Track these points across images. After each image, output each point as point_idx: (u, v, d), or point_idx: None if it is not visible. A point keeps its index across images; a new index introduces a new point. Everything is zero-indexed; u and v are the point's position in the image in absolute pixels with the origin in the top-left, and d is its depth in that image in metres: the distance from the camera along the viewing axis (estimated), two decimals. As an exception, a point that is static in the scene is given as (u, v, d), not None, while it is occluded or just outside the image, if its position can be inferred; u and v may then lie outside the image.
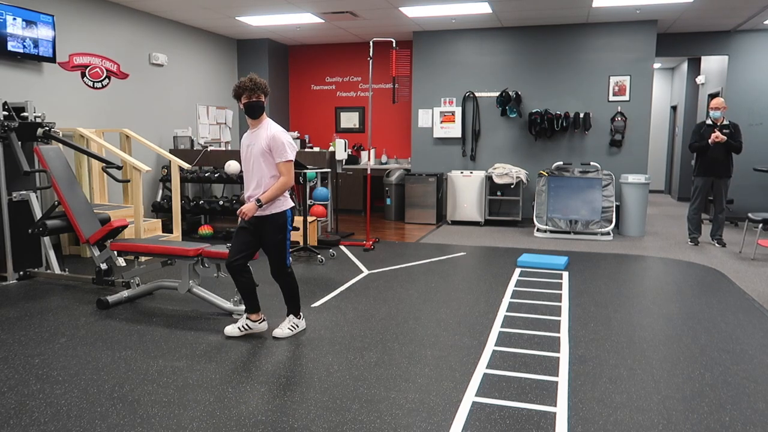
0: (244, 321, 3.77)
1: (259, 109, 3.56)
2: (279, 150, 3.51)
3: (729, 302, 4.59)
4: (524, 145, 8.61)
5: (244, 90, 3.54)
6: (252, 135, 3.61)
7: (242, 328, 3.75)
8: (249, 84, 3.53)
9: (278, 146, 3.51)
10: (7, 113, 5.06)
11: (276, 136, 3.51)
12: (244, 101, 3.55)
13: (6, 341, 3.64)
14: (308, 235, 6.15)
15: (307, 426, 2.60)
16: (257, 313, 3.79)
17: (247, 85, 3.53)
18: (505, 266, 5.76)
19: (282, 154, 3.52)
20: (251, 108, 3.55)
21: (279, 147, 3.51)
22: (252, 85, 3.53)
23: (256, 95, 3.53)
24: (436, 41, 8.79)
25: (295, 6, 7.20)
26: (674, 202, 11.35)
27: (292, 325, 3.79)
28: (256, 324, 3.78)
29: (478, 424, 2.62)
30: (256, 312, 3.78)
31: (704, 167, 6.84)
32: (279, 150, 3.51)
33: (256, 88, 3.53)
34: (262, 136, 3.54)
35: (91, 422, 2.62)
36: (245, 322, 3.76)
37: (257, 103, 3.54)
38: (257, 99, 3.54)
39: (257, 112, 3.57)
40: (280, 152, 3.51)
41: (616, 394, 2.94)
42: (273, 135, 3.52)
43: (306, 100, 10.26)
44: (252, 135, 3.61)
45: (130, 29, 7.33)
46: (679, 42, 8.77)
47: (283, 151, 3.52)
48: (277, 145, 3.51)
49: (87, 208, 5.00)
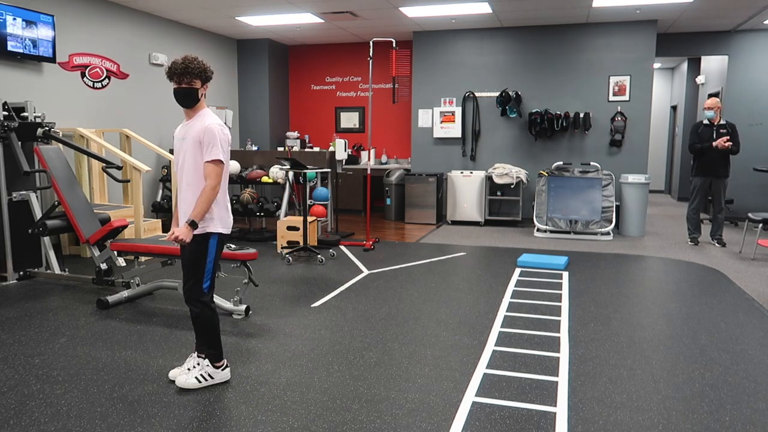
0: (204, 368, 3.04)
1: (189, 97, 2.92)
2: (209, 145, 2.87)
3: (729, 302, 4.59)
4: (524, 145, 8.61)
5: (173, 74, 2.91)
6: (185, 127, 2.99)
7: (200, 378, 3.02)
8: (179, 67, 2.88)
9: (209, 140, 2.87)
10: (7, 113, 5.06)
11: (210, 128, 2.88)
12: (173, 87, 2.94)
13: (6, 341, 3.64)
14: (308, 235, 6.15)
15: (307, 426, 2.60)
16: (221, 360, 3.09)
17: (177, 68, 2.88)
18: (505, 266, 5.76)
19: (210, 150, 2.87)
20: (180, 95, 2.93)
21: (209, 141, 2.87)
22: (182, 69, 2.87)
23: (186, 81, 2.89)
24: (436, 41, 8.79)
25: (295, 6, 7.20)
26: (674, 202, 11.35)
27: (203, 374, 3.00)
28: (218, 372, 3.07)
29: (478, 424, 2.62)
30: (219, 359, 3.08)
31: (702, 167, 6.85)
32: (209, 145, 2.87)
33: (186, 72, 2.87)
34: (196, 128, 2.91)
35: (91, 422, 2.62)
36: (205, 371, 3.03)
37: (188, 90, 2.91)
38: (188, 86, 2.90)
39: (188, 100, 2.93)
40: (209, 148, 2.87)
41: (616, 394, 2.94)
42: (207, 126, 2.89)
43: (306, 100, 10.26)
44: (185, 127, 2.99)
45: (130, 29, 7.33)
46: (679, 42, 8.77)
47: (212, 147, 2.87)
48: (209, 138, 2.87)
49: (87, 208, 5.00)
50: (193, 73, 2.89)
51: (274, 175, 7.17)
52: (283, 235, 6.40)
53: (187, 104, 2.95)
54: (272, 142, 9.76)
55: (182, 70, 2.88)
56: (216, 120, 2.95)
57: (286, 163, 6.38)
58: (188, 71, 2.88)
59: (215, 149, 2.87)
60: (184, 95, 2.93)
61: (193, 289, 2.98)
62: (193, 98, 2.94)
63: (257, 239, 7.09)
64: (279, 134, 9.99)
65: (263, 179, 7.23)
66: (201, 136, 2.88)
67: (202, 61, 2.96)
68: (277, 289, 4.89)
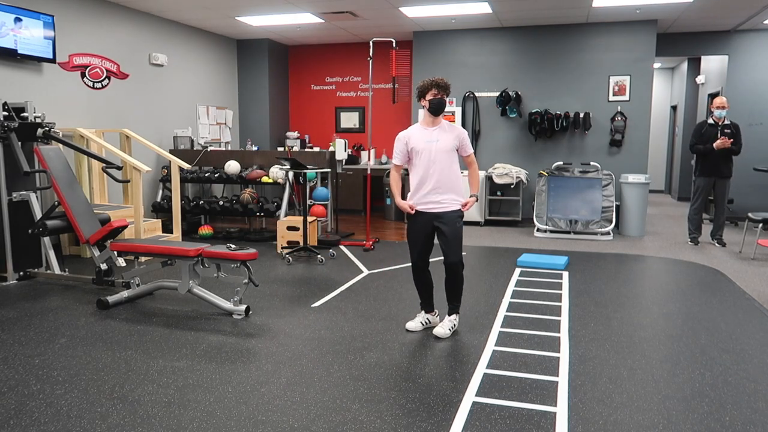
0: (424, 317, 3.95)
1: (443, 107, 3.71)
2: (467, 141, 3.79)
3: (729, 302, 4.59)
4: (524, 145, 8.61)
5: (438, 86, 3.67)
6: (433, 131, 3.73)
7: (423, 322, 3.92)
8: (443, 83, 3.69)
9: (466, 138, 3.80)
10: (7, 113, 5.06)
11: (463, 130, 3.81)
12: (430, 97, 3.68)
13: (6, 341, 3.64)
14: (308, 235, 6.15)
15: (307, 426, 2.60)
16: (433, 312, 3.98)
17: (442, 83, 3.69)
18: (505, 266, 5.76)
19: (469, 145, 3.83)
20: (438, 105, 3.68)
21: (466, 138, 3.80)
22: (445, 84, 3.70)
23: (443, 94, 3.69)
24: (436, 41, 8.78)
25: (295, 6, 7.20)
26: (674, 202, 11.35)
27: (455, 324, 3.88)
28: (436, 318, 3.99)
29: (478, 424, 2.62)
30: (431, 310, 3.97)
31: (706, 168, 6.83)
32: (467, 141, 3.79)
33: (447, 88, 3.70)
34: (448, 132, 3.73)
35: (91, 422, 2.62)
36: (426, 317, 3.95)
37: (443, 102, 3.69)
38: (442, 97, 3.68)
39: (441, 109, 3.72)
40: (467, 144, 3.80)
41: (616, 394, 2.94)
42: (462, 130, 3.80)
43: (306, 100, 10.26)
44: (433, 131, 3.73)
45: (130, 29, 7.34)
46: (679, 42, 8.77)
47: (469, 142, 3.84)
48: (466, 137, 3.80)
49: (87, 209, 5.00)
50: (448, 89, 3.71)
51: (274, 175, 7.17)
52: (283, 235, 6.40)
53: (439, 112, 3.72)
54: (272, 142, 9.76)
55: (445, 85, 3.69)
56: None
57: (286, 163, 6.38)
58: (447, 88, 3.70)
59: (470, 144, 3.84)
60: (441, 105, 3.69)
61: (461, 256, 3.77)
62: (444, 108, 3.71)
63: (257, 239, 7.09)
64: (279, 134, 9.99)
65: (263, 179, 7.23)
66: (460, 137, 3.75)
67: None
68: (277, 289, 4.89)
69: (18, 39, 5.70)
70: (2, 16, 5.52)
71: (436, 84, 3.66)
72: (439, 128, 3.73)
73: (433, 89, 3.66)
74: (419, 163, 3.73)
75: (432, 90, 3.66)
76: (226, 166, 7.42)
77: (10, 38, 5.62)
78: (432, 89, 3.66)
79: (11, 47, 5.64)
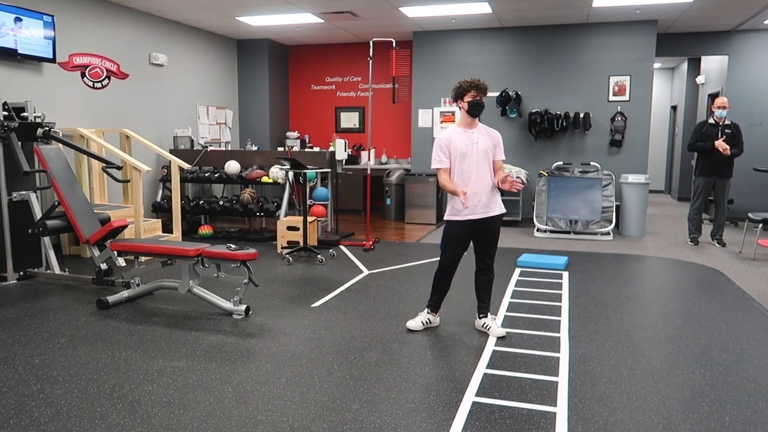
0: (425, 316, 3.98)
1: (481, 109, 3.67)
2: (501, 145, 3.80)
3: (729, 302, 4.59)
4: (524, 145, 8.61)
5: (478, 88, 3.65)
6: (472, 134, 3.70)
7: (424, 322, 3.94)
8: (484, 85, 3.67)
9: (500, 142, 3.79)
10: (7, 113, 5.06)
11: (498, 134, 3.82)
12: (469, 99, 3.64)
13: (6, 341, 3.64)
14: (308, 235, 6.15)
15: (307, 426, 2.60)
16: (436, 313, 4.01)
17: (482, 85, 3.66)
18: (505, 266, 5.76)
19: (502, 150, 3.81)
20: (478, 106, 3.65)
21: (500, 143, 3.80)
22: (485, 86, 3.68)
23: (482, 95, 3.67)
24: (436, 41, 8.79)
25: (295, 6, 7.20)
26: (674, 202, 11.35)
27: None
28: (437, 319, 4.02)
29: (478, 424, 2.62)
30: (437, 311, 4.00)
31: (707, 167, 6.83)
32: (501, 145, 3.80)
33: (486, 90, 3.69)
34: (485, 135, 3.72)
35: (91, 422, 2.62)
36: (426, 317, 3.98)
37: (482, 103, 3.66)
38: (481, 99, 3.66)
39: (480, 111, 3.69)
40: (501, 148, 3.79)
41: (616, 394, 2.94)
42: (497, 134, 3.80)
43: (306, 100, 10.27)
44: (472, 134, 3.70)
45: (129, 29, 7.34)
46: (679, 42, 8.77)
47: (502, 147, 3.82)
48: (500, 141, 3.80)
49: (87, 208, 5.00)
50: (486, 91, 3.68)
51: (274, 175, 7.17)
52: (283, 235, 6.40)
53: (478, 114, 3.68)
54: (272, 142, 9.76)
55: (484, 87, 3.65)
56: None
57: (286, 163, 6.38)
58: (485, 90, 3.67)
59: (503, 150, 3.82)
60: (479, 107, 3.65)
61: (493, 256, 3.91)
62: (482, 110, 3.68)
63: (257, 239, 7.10)
64: (279, 134, 9.99)
65: (263, 179, 7.23)
66: (497, 141, 3.75)
67: None
68: (277, 289, 4.89)
69: (18, 39, 5.70)
70: (2, 16, 5.52)
71: (476, 86, 3.62)
72: (477, 130, 3.71)
73: (472, 91, 3.62)
74: (459, 166, 3.67)
75: (471, 92, 3.62)
76: (226, 166, 7.42)
77: (10, 38, 5.62)
78: (471, 91, 3.62)
79: (11, 47, 5.64)
